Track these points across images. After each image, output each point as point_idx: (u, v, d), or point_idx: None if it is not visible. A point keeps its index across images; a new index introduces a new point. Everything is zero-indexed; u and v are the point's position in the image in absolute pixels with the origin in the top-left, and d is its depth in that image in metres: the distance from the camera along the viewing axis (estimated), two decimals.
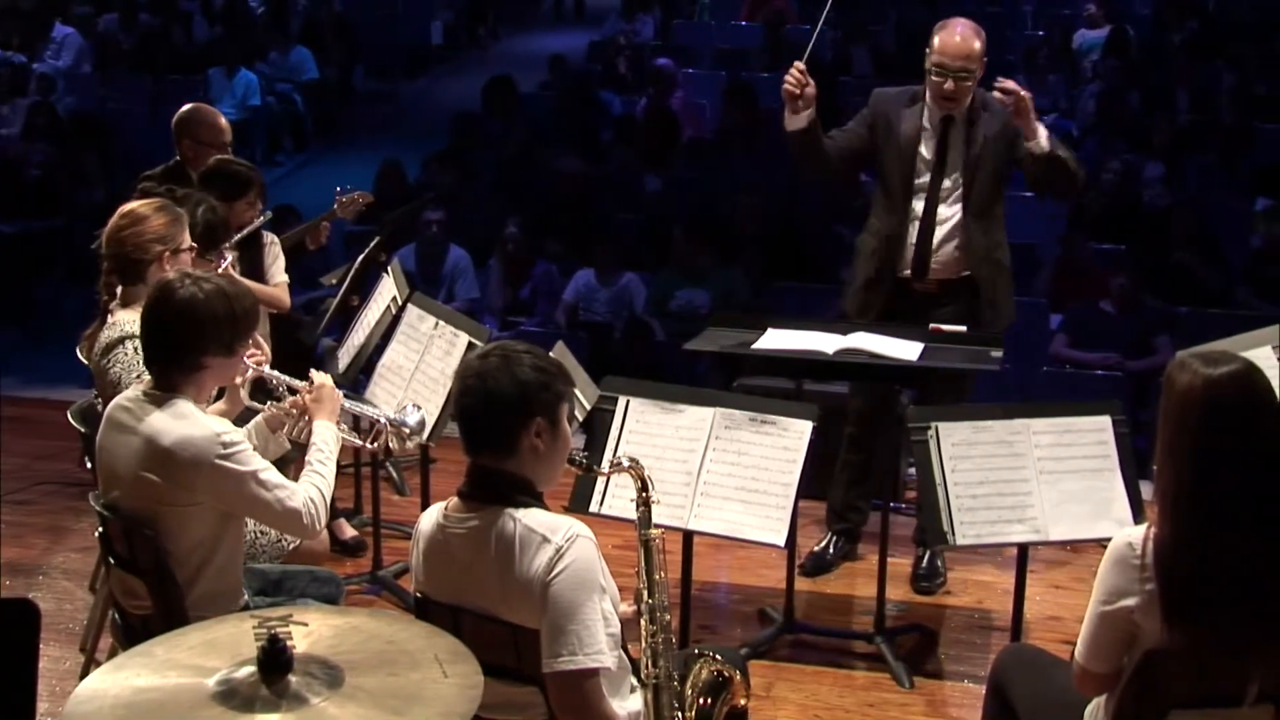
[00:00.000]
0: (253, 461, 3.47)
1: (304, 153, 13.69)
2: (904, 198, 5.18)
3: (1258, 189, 10.02)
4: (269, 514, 3.53)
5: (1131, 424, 4.46)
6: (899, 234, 5.20)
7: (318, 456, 3.68)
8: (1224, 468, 2.86)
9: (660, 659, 3.10)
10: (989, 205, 5.19)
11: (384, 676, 2.48)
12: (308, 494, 3.54)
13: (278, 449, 3.90)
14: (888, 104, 5.24)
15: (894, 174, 5.20)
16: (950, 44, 5.03)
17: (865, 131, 5.27)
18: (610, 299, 8.56)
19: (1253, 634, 2.87)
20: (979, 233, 5.17)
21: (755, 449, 4.37)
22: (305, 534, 3.62)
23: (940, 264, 5.20)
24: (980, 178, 5.13)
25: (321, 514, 3.56)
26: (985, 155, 5.12)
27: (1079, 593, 5.31)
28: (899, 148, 5.17)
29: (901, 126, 5.17)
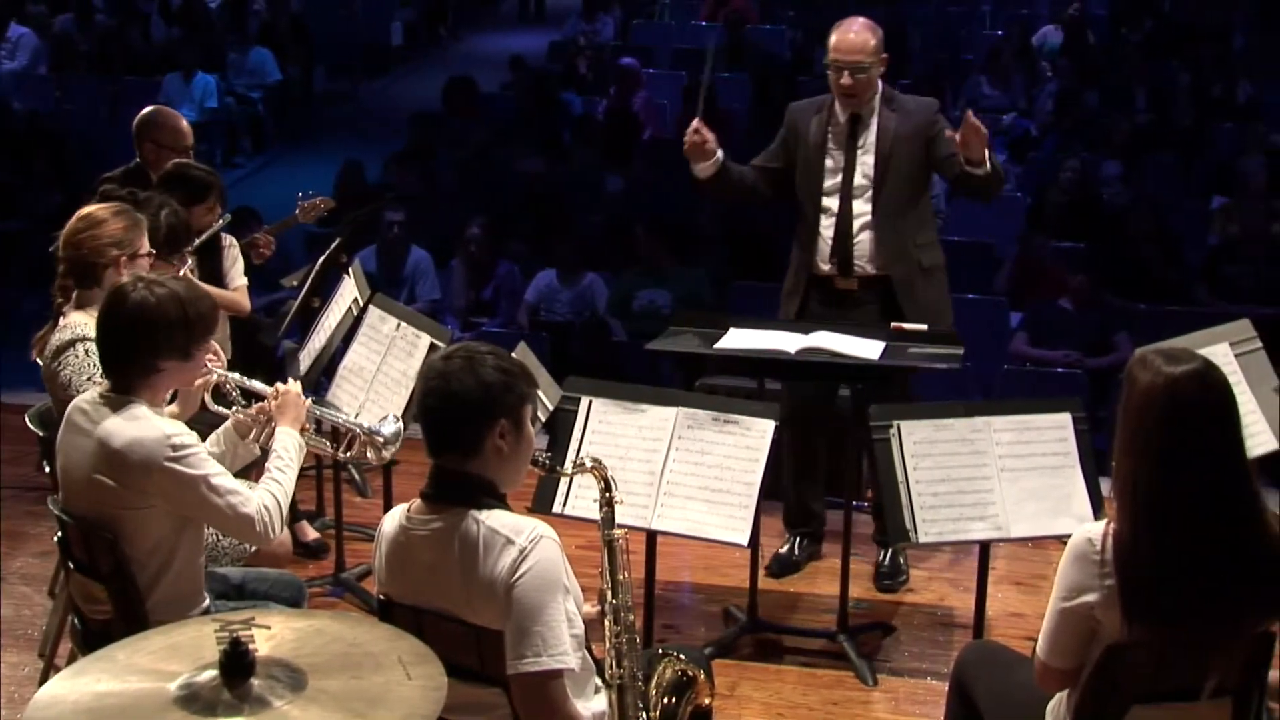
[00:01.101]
0: (205, 465, 3.45)
1: (263, 154, 13.63)
2: (819, 198, 5.23)
3: (1214, 187, 10.12)
4: (221, 519, 3.50)
5: (1091, 421, 4.49)
6: (817, 233, 5.24)
7: (277, 463, 3.66)
8: (1183, 464, 2.88)
9: (624, 659, 3.10)
10: (904, 204, 5.21)
11: (347, 679, 2.47)
12: (262, 500, 3.51)
13: (246, 455, 3.87)
14: (798, 115, 5.33)
15: (807, 177, 5.26)
16: (844, 40, 5.12)
17: (781, 149, 5.36)
18: (572, 299, 8.55)
19: (1210, 629, 2.90)
20: (891, 231, 5.19)
21: (718, 448, 4.38)
22: (258, 541, 3.59)
23: (860, 261, 5.22)
24: (891, 177, 5.17)
25: (276, 521, 3.53)
26: (897, 153, 5.16)
27: (1040, 589, 5.34)
28: (809, 151, 5.24)
29: (811, 130, 5.24)
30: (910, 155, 5.16)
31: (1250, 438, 4.05)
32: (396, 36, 16.54)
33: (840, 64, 5.09)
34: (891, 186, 5.17)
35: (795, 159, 5.29)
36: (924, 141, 5.15)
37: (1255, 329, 4.68)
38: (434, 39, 17.36)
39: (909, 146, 5.15)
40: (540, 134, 11.38)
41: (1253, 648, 2.96)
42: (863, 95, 5.13)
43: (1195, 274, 8.98)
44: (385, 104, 14.98)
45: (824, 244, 5.23)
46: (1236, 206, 9.39)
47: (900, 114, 5.18)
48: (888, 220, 5.18)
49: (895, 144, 5.15)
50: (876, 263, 5.21)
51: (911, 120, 5.17)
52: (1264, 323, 5.15)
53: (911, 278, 5.23)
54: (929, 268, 5.29)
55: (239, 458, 3.83)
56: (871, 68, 5.10)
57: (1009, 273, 8.95)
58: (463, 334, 8.04)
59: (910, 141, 5.15)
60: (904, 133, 5.15)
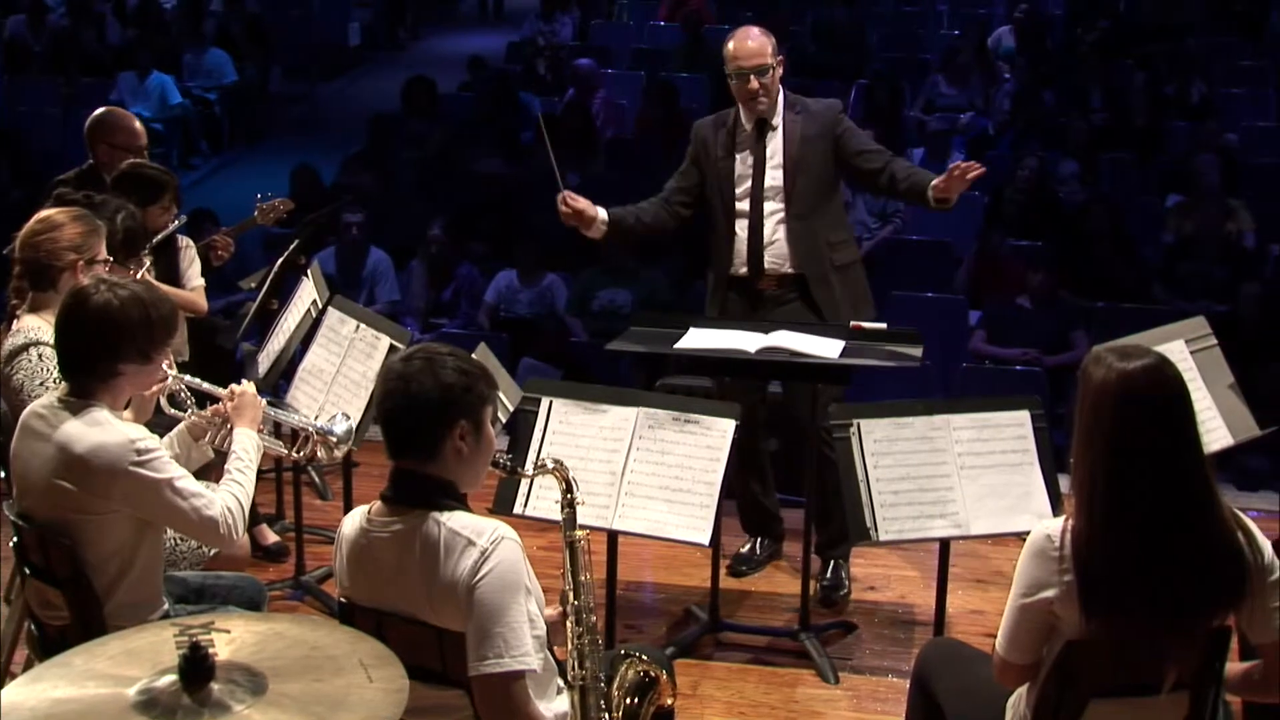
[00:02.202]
0: (168, 469, 3.43)
1: (220, 155, 13.56)
2: (731, 204, 5.27)
3: (1169, 186, 10.20)
4: (185, 522, 3.48)
5: (1050, 418, 4.52)
6: (732, 238, 5.28)
7: (236, 465, 3.64)
8: (1138, 460, 2.90)
9: (586, 660, 3.11)
10: (815, 204, 5.26)
11: (308, 682, 2.46)
12: (225, 503, 3.50)
13: (201, 457, 3.86)
14: (704, 131, 5.39)
15: (718, 185, 5.30)
16: (744, 47, 5.19)
17: (694, 166, 5.39)
18: (532, 299, 8.55)
19: (1168, 623, 2.92)
20: (803, 231, 5.24)
21: (679, 448, 4.38)
22: (222, 544, 3.58)
23: (773, 262, 5.26)
24: (802, 179, 5.22)
25: (239, 523, 3.52)
26: (805, 155, 5.22)
27: (1000, 586, 5.37)
28: (716, 166, 5.29)
29: (717, 144, 5.30)
30: (818, 156, 5.24)
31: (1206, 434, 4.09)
32: (354, 37, 16.47)
33: (745, 69, 5.16)
34: (802, 187, 5.23)
35: (704, 169, 5.35)
36: (831, 141, 5.23)
37: (1210, 326, 4.72)
38: (392, 39, 17.30)
39: (817, 147, 5.23)
40: (499, 135, 11.37)
41: (1209, 642, 2.98)
42: (770, 97, 5.21)
43: (1151, 272, 9.05)
44: (343, 105, 14.92)
45: (739, 247, 5.28)
46: (1191, 205, 9.47)
47: (805, 116, 5.26)
48: (800, 221, 5.24)
49: (803, 145, 5.22)
50: (791, 262, 5.26)
51: (817, 122, 5.24)
52: (1218, 320, 5.20)
53: (826, 275, 5.28)
54: (842, 265, 5.34)
55: (193, 460, 3.81)
56: (773, 69, 5.19)
57: (967, 271, 8.99)
58: (422, 335, 8.03)
59: (817, 142, 5.23)
60: (810, 134, 5.23)
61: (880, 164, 5.23)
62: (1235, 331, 6.85)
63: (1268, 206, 9.60)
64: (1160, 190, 10.27)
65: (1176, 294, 8.64)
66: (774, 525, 5.65)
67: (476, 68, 13.40)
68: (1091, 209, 9.21)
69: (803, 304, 5.27)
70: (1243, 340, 6.91)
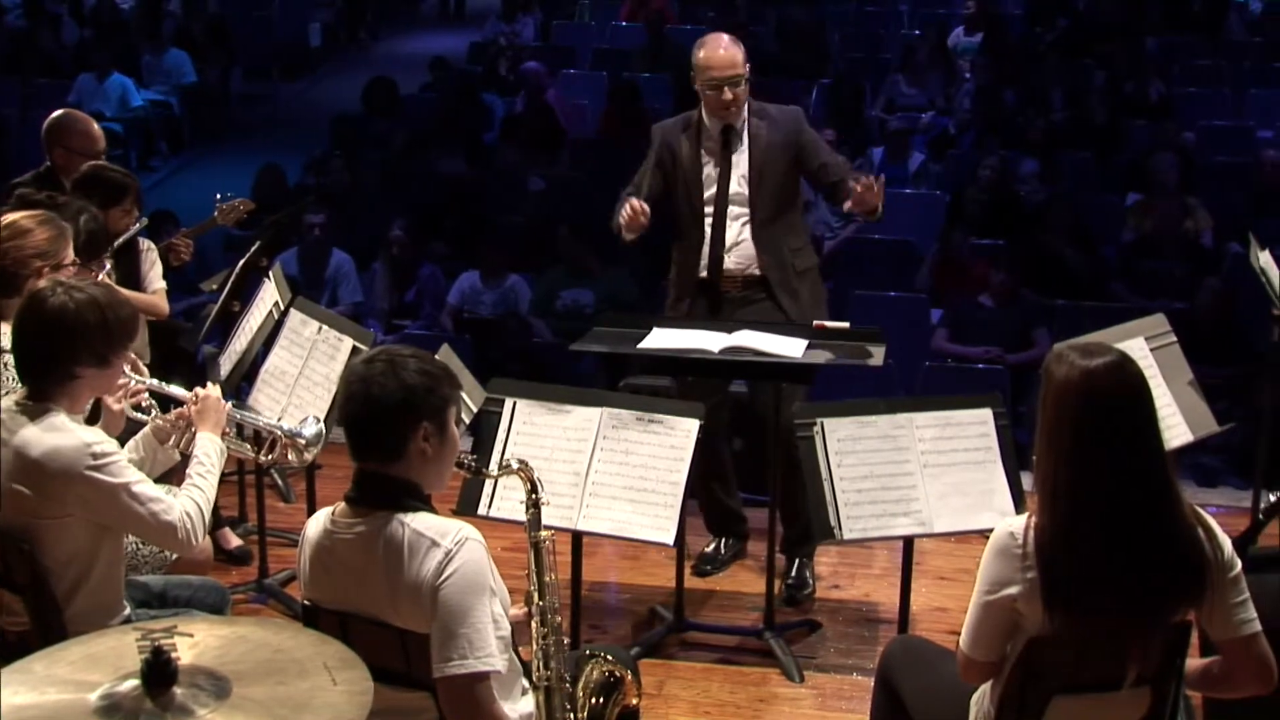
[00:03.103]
0: (125, 473, 3.40)
1: (180, 157, 13.48)
2: (700, 209, 5.29)
3: (1129, 184, 10.26)
4: (143, 527, 3.46)
5: (1012, 416, 4.54)
6: (699, 243, 5.30)
7: (198, 469, 3.62)
8: (1100, 456, 2.92)
9: (551, 661, 3.10)
10: (779, 210, 5.31)
11: (272, 685, 2.45)
12: (184, 508, 3.47)
13: (166, 461, 3.83)
14: (668, 133, 5.40)
15: (686, 191, 5.32)
16: (718, 57, 5.20)
17: (658, 170, 5.40)
18: (496, 300, 8.53)
19: (1129, 619, 2.94)
20: (767, 236, 5.28)
21: (643, 448, 4.38)
22: (180, 549, 3.55)
23: (735, 264, 5.29)
24: (767, 185, 5.26)
25: (198, 528, 3.49)
26: (770, 161, 5.26)
27: (963, 583, 5.39)
28: (684, 169, 5.31)
29: (684, 149, 5.31)
30: (782, 164, 5.28)
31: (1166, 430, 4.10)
32: (315, 38, 16.40)
33: (719, 80, 5.17)
34: (767, 194, 5.27)
35: (668, 174, 5.35)
36: (794, 149, 5.28)
37: (1170, 323, 4.75)
38: (353, 40, 17.24)
39: (781, 155, 5.27)
40: (462, 135, 11.35)
41: (1170, 637, 3.00)
42: (741, 105, 5.24)
43: (1112, 270, 9.10)
44: (305, 106, 14.86)
45: (707, 252, 5.29)
46: (1150, 203, 9.53)
47: (769, 123, 5.29)
48: (764, 226, 5.27)
49: (768, 152, 5.26)
50: (755, 265, 5.29)
51: (781, 129, 5.28)
52: (1178, 317, 5.24)
53: (788, 279, 5.32)
54: (803, 270, 5.39)
55: (159, 463, 3.79)
56: (745, 78, 5.21)
57: (929, 270, 9.03)
58: (385, 336, 8.00)
59: (782, 150, 5.27)
60: (775, 140, 5.27)
61: (837, 178, 5.29)
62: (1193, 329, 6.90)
63: (1225, 205, 9.67)
64: (1119, 189, 10.33)
65: (1136, 292, 8.69)
66: (738, 525, 5.66)
67: (439, 68, 13.37)
68: (1052, 208, 9.26)
69: (765, 307, 5.29)
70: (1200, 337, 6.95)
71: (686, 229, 5.35)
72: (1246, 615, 3.02)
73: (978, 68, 12.61)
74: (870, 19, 14.70)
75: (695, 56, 5.26)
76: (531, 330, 8.22)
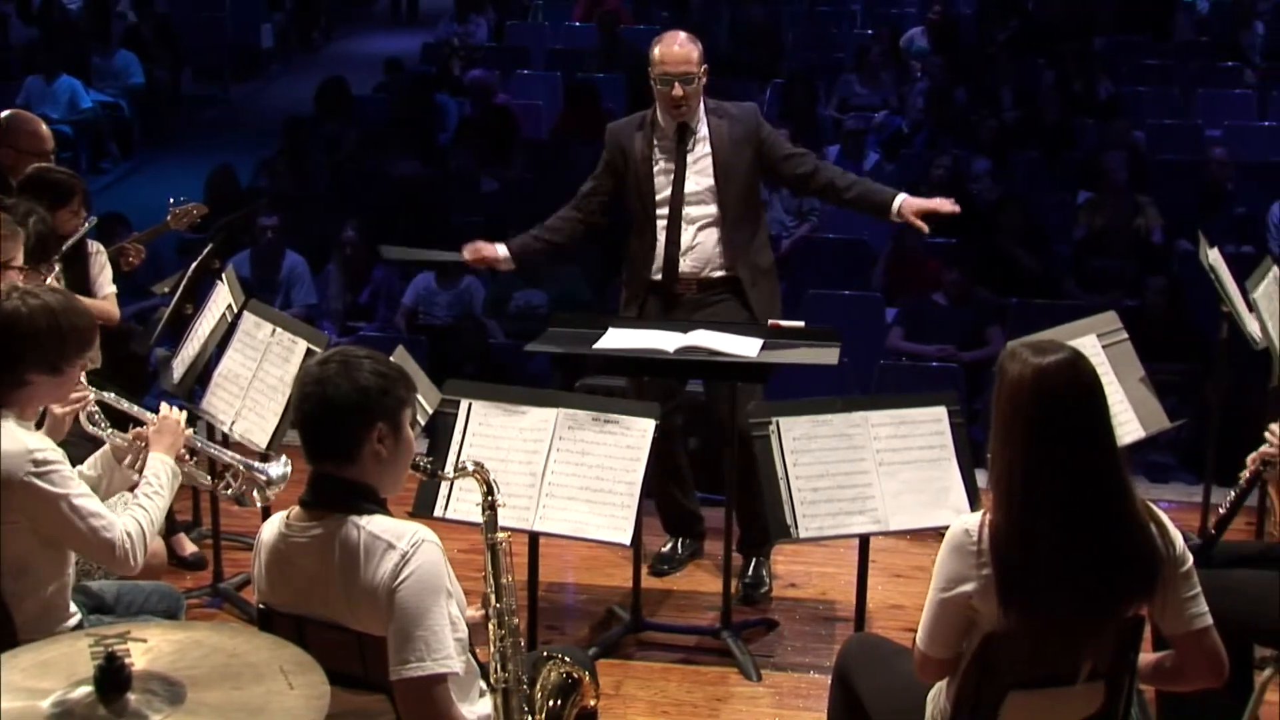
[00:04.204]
0: (68, 485, 3.35)
1: (131, 159, 13.37)
2: (653, 210, 5.29)
3: (1079, 183, 10.35)
4: (80, 541, 3.39)
5: (966, 414, 4.57)
6: (654, 243, 5.30)
7: (146, 489, 3.56)
8: (1055, 453, 2.94)
9: (509, 663, 3.10)
10: (742, 208, 5.31)
11: (227, 690, 2.43)
12: (126, 527, 3.41)
13: (124, 480, 3.75)
14: (620, 135, 5.39)
15: (640, 191, 5.32)
16: (671, 53, 5.21)
17: (608, 171, 5.40)
18: (451, 302, 8.51)
19: (1084, 614, 2.96)
20: (732, 234, 5.28)
21: (599, 448, 4.38)
22: (117, 567, 3.47)
23: (691, 267, 5.29)
24: (731, 183, 5.27)
25: (138, 549, 3.42)
26: (732, 159, 5.26)
27: (919, 581, 5.41)
28: (636, 169, 5.30)
29: (636, 146, 5.31)
30: (744, 161, 5.28)
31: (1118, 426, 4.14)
32: (267, 39, 16.30)
33: (671, 75, 5.17)
34: (734, 192, 5.27)
35: (621, 175, 5.35)
36: (755, 146, 5.28)
37: (1121, 320, 4.79)
38: (305, 41, 17.16)
39: (742, 153, 5.27)
40: (415, 136, 11.31)
41: (1123, 632, 3.03)
42: (692, 104, 5.23)
43: (1064, 267, 9.17)
44: (257, 107, 14.78)
45: (661, 254, 5.28)
46: (1101, 201, 9.61)
47: (728, 121, 5.29)
48: (730, 224, 5.27)
49: (729, 150, 5.26)
50: (715, 267, 5.29)
51: (740, 126, 5.29)
52: (1129, 314, 5.29)
53: (755, 278, 5.34)
54: (765, 269, 5.41)
55: (116, 482, 3.73)
56: (698, 77, 5.21)
57: (883, 269, 9.07)
58: (340, 338, 7.96)
59: (742, 147, 5.27)
60: (736, 137, 5.27)
61: (809, 167, 5.33)
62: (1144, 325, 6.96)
63: (1174, 203, 9.76)
64: (1070, 187, 10.41)
65: (1088, 289, 8.76)
66: (695, 524, 5.66)
67: (392, 69, 13.32)
68: (1004, 206, 9.32)
69: (720, 309, 5.29)
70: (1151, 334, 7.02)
71: (639, 230, 5.34)
72: (1198, 609, 3.05)
73: (930, 67, 12.69)
74: (823, 19, 14.76)
75: (650, 51, 5.27)
76: (487, 331, 8.20)
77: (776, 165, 5.34)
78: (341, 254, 8.88)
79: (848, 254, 9.34)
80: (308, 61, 16.21)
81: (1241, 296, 5.34)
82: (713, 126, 5.27)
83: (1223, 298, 5.44)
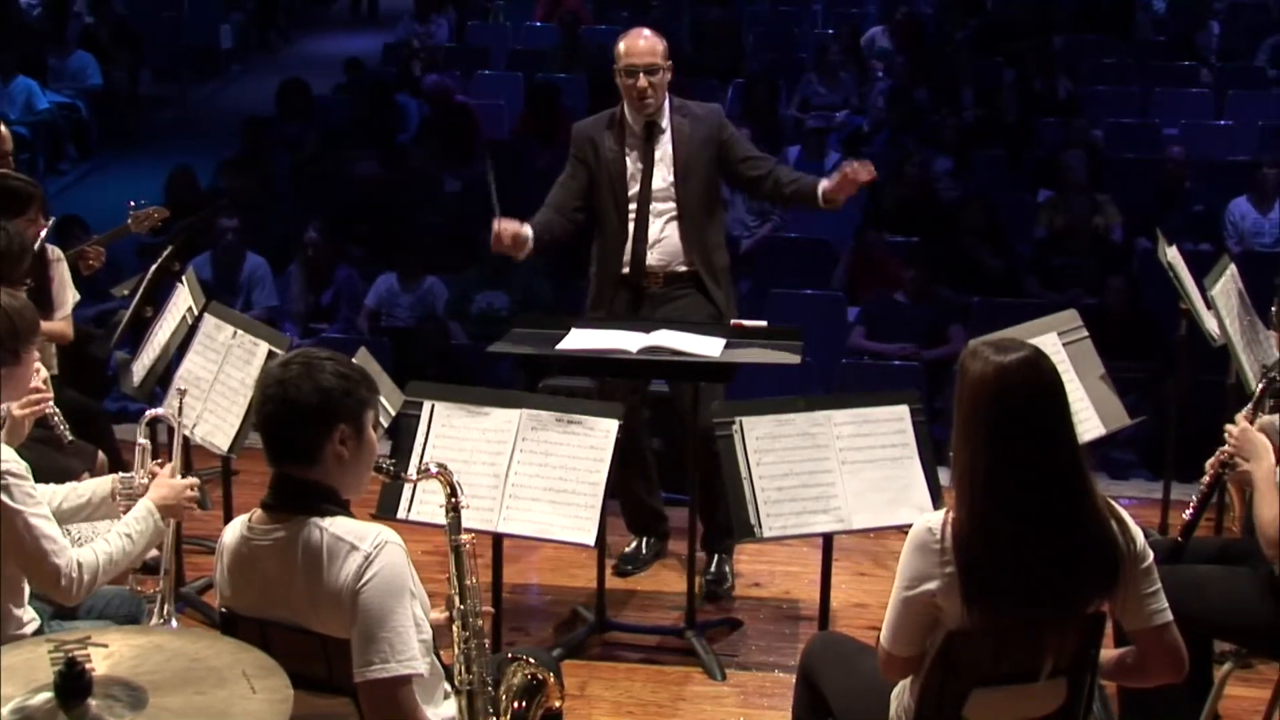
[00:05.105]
0: (28, 502, 3.29)
1: (89, 161, 13.27)
2: (624, 206, 5.31)
3: (1039, 181, 10.41)
4: (26, 560, 3.32)
5: (929, 412, 4.58)
6: (623, 239, 5.32)
7: (120, 529, 3.49)
8: (1016, 451, 2.95)
9: (473, 664, 3.09)
10: (703, 206, 5.35)
11: (190, 695, 2.42)
12: (79, 558, 3.35)
13: (109, 513, 3.69)
14: (589, 131, 5.40)
15: (607, 190, 5.33)
16: (636, 45, 5.25)
17: (580, 168, 5.40)
18: (413, 303, 8.48)
19: (1045, 611, 2.97)
20: (693, 232, 5.31)
21: (562, 449, 4.38)
22: (58, 595, 3.40)
23: (659, 260, 5.31)
24: (692, 181, 5.30)
25: (83, 583, 3.35)
26: (694, 157, 5.29)
27: (883, 579, 5.44)
28: (608, 165, 5.32)
29: (606, 145, 5.33)
30: (705, 160, 5.32)
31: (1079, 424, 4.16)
32: (226, 39, 16.21)
33: (636, 67, 5.20)
34: (693, 190, 5.30)
35: (592, 172, 5.35)
36: (716, 146, 5.31)
37: (1081, 318, 4.82)
38: (264, 42, 17.08)
39: (703, 152, 5.30)
40: (376, 137, 11.28)
41: (1085, 628, 3.05)
42: (658, 98, 5.26)
43: (1024, 266, 9.22)
44: (216, 108, 14.70)
45: (629, 248, 5.30)
46: (1061, 199, 9.66)
47: (691, 120, 5.32)
48: (690, 221, 5.30)
49: (691, 148, 5.29)
50: (679, 262, 5.32)
51: (704, 126, 5.32)
52: (1089, 312, 5.32)
53: (715, 275, 5.37)
54: (722, 267, 5.43)
55: (102, 512, 3.68)
56: (663, 70, 5.24)
57: (845, 268, 9.09)
58: (302, 340, 7.93)
59: (704, 147, 5.31)
60: (699, 137, 5.30)
61: (764, 170, 5.36)
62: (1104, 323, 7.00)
63: (1133, 201, 9.83)
64: (1031, 186, 10.47)
65: (1048, 287, 8.81)
66: (659, 524, 5.67)
67: (353, 70, 13.28)
68: (966, 205, 9.36)
69: (687, 303, 5.31)
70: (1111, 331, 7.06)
71: (609, 225, 5.35)
72: (1158, 605, 3.07)
73: (890, 67, 12.73)
74: (784, 19, 14.79)
75: (615, 47, 5.29)
76: (449, 333, 8.19)
77: (734, 168, 5.38)
78: (303, 255, 8.84)
79: (810, 253, 9.37)
80: (267, 62, 16.14)
81: (1200, 294, 5.38)
82: (676, 124, 5.30)
83: (1181, 295, 5.48)
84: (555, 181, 5.47)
